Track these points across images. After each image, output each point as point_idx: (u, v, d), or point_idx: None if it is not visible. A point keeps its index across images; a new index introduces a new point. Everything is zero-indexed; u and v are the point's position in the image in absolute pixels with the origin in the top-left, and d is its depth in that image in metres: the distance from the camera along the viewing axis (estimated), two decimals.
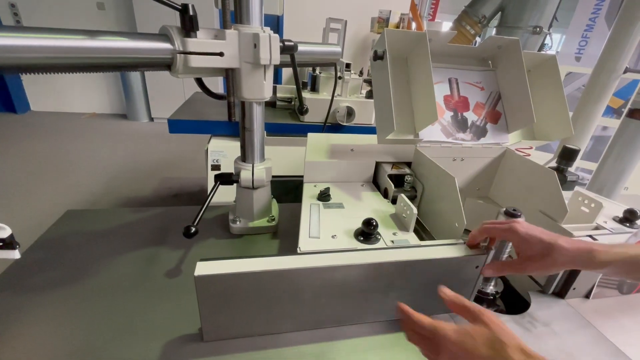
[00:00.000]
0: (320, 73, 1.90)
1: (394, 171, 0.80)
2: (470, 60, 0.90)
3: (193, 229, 0.66)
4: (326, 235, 0.60)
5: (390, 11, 3.95)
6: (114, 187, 2.75)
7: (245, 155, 0.78)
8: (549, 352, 0.59)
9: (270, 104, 1.92)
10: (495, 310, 0.72)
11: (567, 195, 0.82)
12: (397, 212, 0.69)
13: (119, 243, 0.78)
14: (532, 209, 0.78)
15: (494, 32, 1.56)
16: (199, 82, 0.73)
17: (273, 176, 0.84)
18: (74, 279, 0.67)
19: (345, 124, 1.71)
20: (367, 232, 0.59)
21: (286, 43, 0.68)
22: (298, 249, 0.55)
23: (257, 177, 0.76)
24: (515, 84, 0.83)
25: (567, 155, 0.86)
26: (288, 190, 1.29)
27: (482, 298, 0.73)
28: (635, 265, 0.46)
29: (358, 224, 0.62)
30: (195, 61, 0.60)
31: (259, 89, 0.69)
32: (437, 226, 0.72)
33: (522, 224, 0.51)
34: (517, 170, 0.83)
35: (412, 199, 0.80)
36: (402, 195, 0.67)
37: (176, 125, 1.51)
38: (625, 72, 1.11)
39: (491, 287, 0.73)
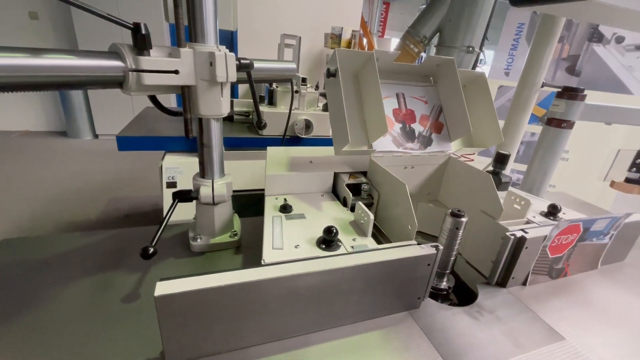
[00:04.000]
0: (277, 87, 1.94)
1: (352, 181, 0.85)
2: (414, 77, 0.99)
3: (151, 250, 0.64)
4: (289, 246, 0.62)
5: (342, 28, 4.13)
6: (54, 212, 2.51)
7: (204, 171, 0.78)
8: (495, 336, 0.65)
9: (228, 118, 1.90)
10: (450, 304, 0.78)
11: (502, 195, 0.92)
12: (356, 218, 0.73)
13: (68, 270, 0.73)
14: (474, 209, 0.87)
15: (433, 51, 1.73)
16: (153, 99, 0.72)
17: (234, 191, 0.84)
18: (15, 313, 0.61)
19: (304, 136, 1.76)
20: (328, 240, 0.62)
21: (242, 61, 0.70)
22: (262, 260, 0.57)
23: (217, 193, 0.76)
24: (453, 98, 0.93)
25: (500, 160, 0.97)
26: (249, 204, 1.29)
27: (436, 293, 0.79)
28: None
29: (320, 233, 0.64)
30: (149, 79, 0.60)
31: (216, 105, 0.70)
32: (393, 229, 0.77)
33: None
34: (460, 175, 0.92)
35: (369, 205, 0.85)
36: (360, 202, 0.71)
37: (126, 142, 1.44)
38: (542, 86, 1.29)
39: (444, 283, 0.80)
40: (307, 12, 3.31)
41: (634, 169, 1.37)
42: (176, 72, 0.62)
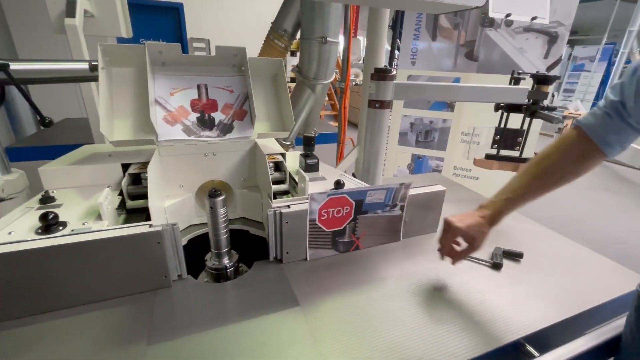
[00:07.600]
0: None
1: (135, 170, 0.87)
2: (222, 69, 1.02)
3: None
4: (3, 234, 0.64)
5: None
6: None
7: None
8: (226, 306, 0.68)
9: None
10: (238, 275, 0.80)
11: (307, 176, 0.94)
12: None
13: None
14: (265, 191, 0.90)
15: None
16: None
17: None
18: None
19: None
20: (46, 225, 0.65)
21: None
22: None
23: None
24: (249, 85, 0.96)
25: (307, 142, 1.00)
26: None
27: (218, 274, 0.81)
28: (521, 196, 0.69)
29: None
30: None
31: None
32: None
33: (456, 222, 0.71)
34: (261, 159, 0.96)
35: None
36: (107, 189, 0.74)
37: None
38: None
39: (225, 262, 0.82)
40: (255, 14, 3.35)
41: (495, 145, 1.40)
42: None
